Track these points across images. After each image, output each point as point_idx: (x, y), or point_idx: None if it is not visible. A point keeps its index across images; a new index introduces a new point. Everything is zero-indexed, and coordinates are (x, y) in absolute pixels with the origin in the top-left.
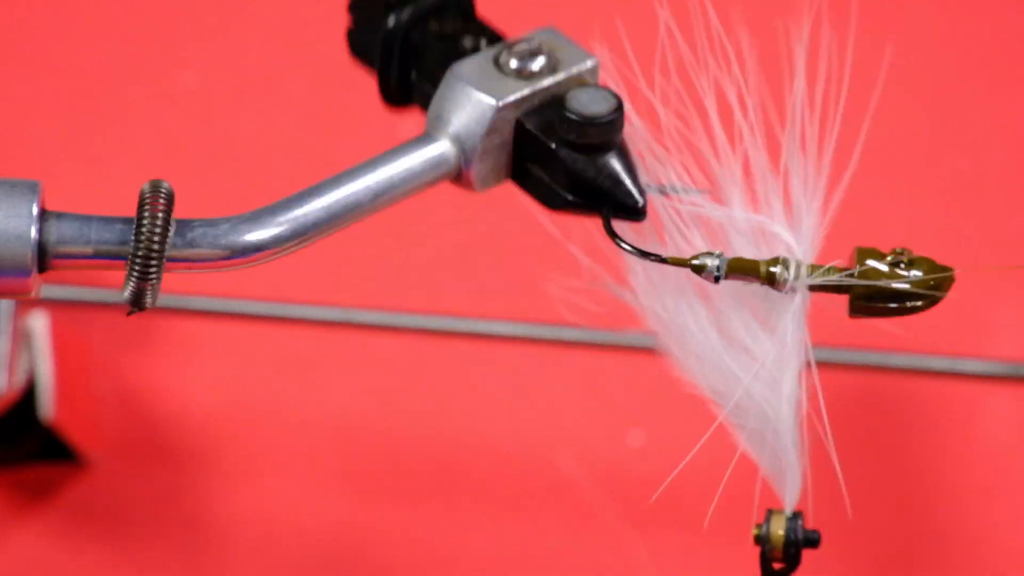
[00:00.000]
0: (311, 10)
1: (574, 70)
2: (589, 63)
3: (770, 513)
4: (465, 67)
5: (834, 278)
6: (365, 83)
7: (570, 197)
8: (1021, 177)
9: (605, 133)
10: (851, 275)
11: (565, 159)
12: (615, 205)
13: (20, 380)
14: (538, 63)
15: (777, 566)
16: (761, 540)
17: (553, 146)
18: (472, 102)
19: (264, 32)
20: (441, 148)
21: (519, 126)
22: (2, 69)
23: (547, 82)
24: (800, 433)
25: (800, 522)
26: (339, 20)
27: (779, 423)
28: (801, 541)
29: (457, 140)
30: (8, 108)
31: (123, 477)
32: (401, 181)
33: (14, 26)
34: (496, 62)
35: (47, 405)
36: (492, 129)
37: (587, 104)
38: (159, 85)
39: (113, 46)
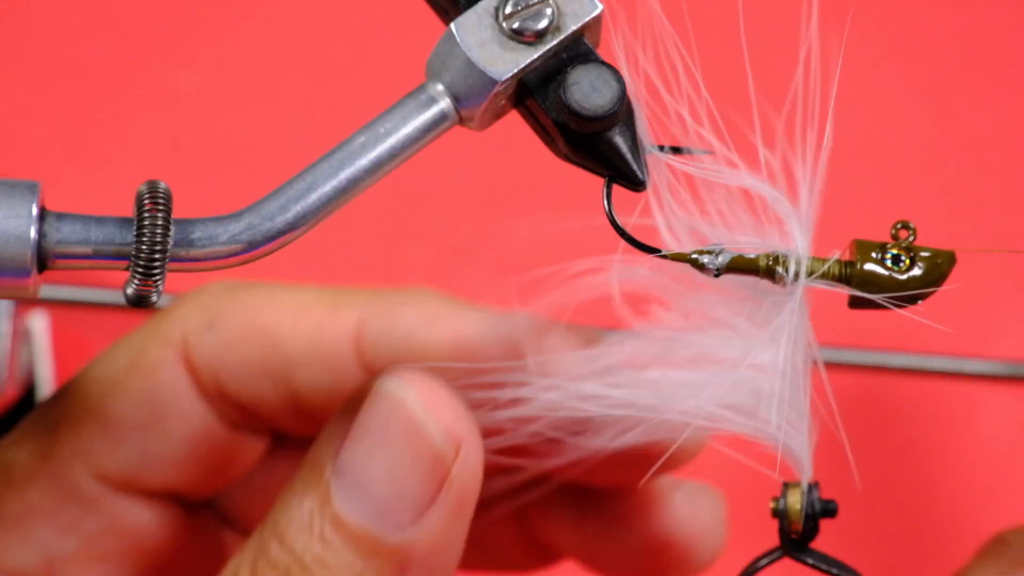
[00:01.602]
0: (311, 10)
1: (580, 24)
2: (595, 12)
3: (786, 486)
4: (464, 28)
5: (834, 273)
6: (365, 83)
7: (570, 156)
8: (1020, 166)
9: (607, 124)
10: (851, 266)
11: (565, 134)
12: (616, 174)
13: (20, 380)
14: (543, 21)
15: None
16: (779, 514)
17: (554, 120)
18: (473, 74)
19: (264, 32)
20: (441, 106)
21: (521, 84)
22: (2, 69)
23: (551, 44)
24: (807, 407)
25: (817, 493)
26: (339, 20)
27: (787, 399)
28: (819, 512)
29: (456, 99)
30: (8, 108)
31: None
32: (402, 147)
33: (14, 26)
34: (496, 17)
35: None
36: (493, 96)
37: (588, 93)
38: (159, 85)
39: (113, 46)
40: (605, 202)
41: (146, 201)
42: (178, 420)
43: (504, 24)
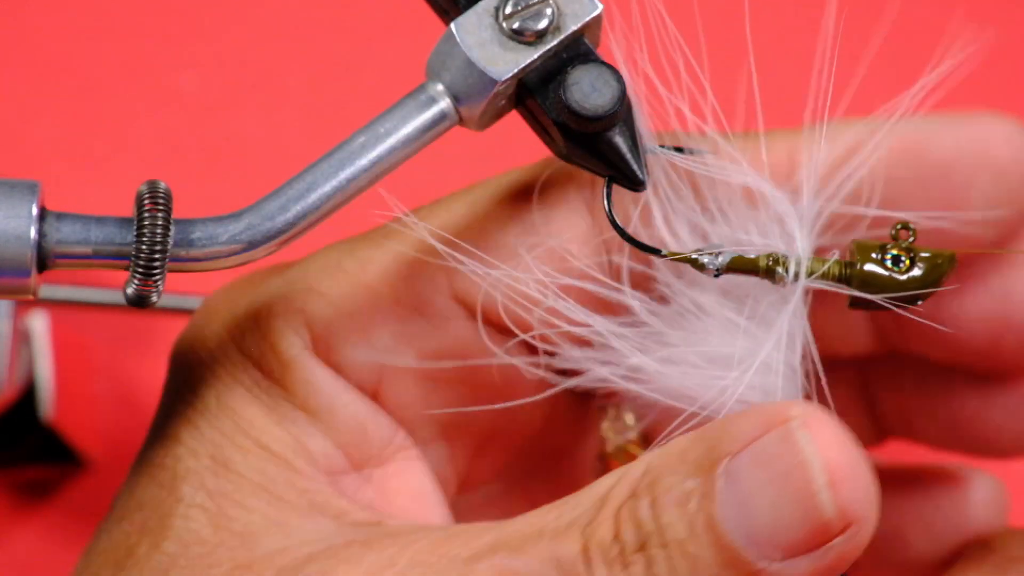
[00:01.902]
0: (311, 10)
1: (580, 24)
2: (595, 12)
3: None
4: (464, 28)
5: (834, 274)
6: (365, 83)
7: (570, 156)
8: None
9: (607, 124)
10: (851, 266)
11: (565, 134)
12: (617, 173)
13: (20, 380)
14: (543, 21)
15: None
16: None
17: (554, 120)
18: (473, 74)
19: (264, 32)
20: (441, 106)
21: (521, 84)
22: (2, 69)
23: (551, 44)
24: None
25: None
26: (339, 20)
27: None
28: None
29: (456, 99)
30: (8, 108)
31: (123, 477)
32: (402, 147)
33: (14, 26)
34: (496, 17)
35: (47, 405)
36: (493, 96)
37: (588, 93)
38: (159, 85)
39: (113, 46)
40: (605, 202)
41: (146, 201)
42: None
43: (504, 24)
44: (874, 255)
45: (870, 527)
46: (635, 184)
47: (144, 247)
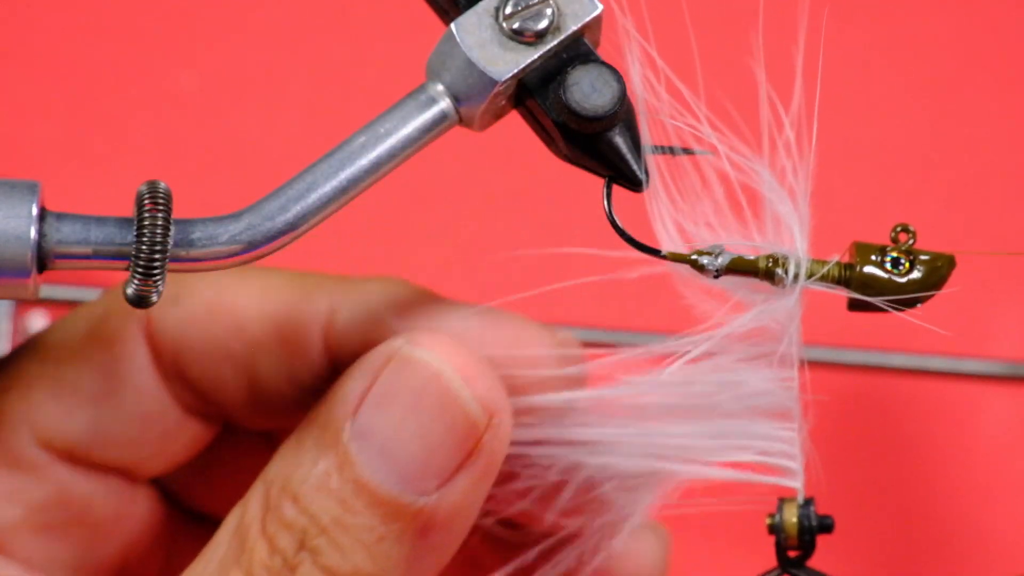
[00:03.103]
0: (311, 10)
1: (580, 24)
2: (595, 12)
3: (782, 501)
4: (464, 28)
5: (833, 276)
6: (365, 83)
7: (570, 156)
8: (1020, 167)
9: (607, 124)
10: (850, 268)
11: (565, 134)
12: (617, 174)
13: None
14: (543, 21)
15: (793, 554)
16: (775, 529)
17: (554, 120)
18: (473, 74)
19: (264, 32)
20: (441, 106)
21: (521, 84)
22: (2, 69)
23: (551, 44)
24: (801, 419)
25: (813, 508)
26: (339, 20)
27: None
28: (815, 527)
29: (456, 99)
30: (8, 108)
31: None
32: (402, 147)
33: (14, 26)
34: (496, 17)
35: None
36: (493, 96)
37: (588, 93)
38: (159, 85)
39: (113, 46)
40: (605, 202)
41: (146, 201)
42: (133, 396)
43: (504, 24)
44: (874, 257)
45: (508, 415)
46: (635, 184)
47: (144, 247)
